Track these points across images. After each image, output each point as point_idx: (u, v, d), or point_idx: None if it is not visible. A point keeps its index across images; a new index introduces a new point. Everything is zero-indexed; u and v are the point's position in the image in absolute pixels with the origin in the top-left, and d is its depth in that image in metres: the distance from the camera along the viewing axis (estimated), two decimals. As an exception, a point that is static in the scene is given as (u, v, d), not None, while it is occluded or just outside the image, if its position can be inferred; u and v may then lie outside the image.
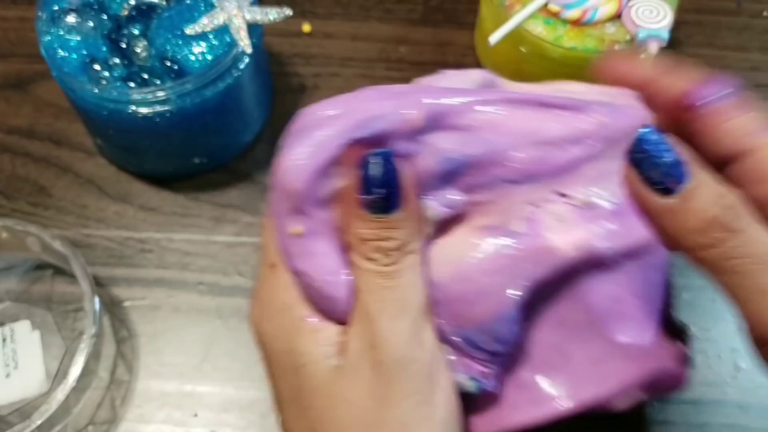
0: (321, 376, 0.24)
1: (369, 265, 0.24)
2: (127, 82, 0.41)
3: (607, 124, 0.25)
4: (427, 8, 0.55)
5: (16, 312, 0.42)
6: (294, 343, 0.25)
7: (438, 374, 0.25)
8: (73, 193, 0.47)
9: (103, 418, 0.40)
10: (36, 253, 0.43)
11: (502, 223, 0.26)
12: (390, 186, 0.23)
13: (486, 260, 0.25)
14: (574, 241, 0.25)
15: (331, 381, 0.24)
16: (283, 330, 0.25)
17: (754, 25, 0.55)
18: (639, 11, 0.44)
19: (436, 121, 0.24)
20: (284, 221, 0.24)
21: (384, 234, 0.24)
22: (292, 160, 0.23)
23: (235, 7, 0.41)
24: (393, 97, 0.24)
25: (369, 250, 0.24)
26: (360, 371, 0.24)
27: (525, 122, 0.25)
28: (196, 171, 0.47)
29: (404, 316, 0.24)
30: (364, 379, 0.24)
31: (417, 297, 0.24)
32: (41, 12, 0.42)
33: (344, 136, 0.24)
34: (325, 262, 0.24)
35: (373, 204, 0.23)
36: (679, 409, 0.41)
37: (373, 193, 0.23)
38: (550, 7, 0.45)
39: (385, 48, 0.53)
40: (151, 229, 0.46)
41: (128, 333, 0.42)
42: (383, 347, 0.24)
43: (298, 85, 0.51)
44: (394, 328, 0.24)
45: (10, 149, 0.48)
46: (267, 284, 0.26)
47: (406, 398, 0.24)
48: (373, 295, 0.24)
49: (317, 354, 0.25)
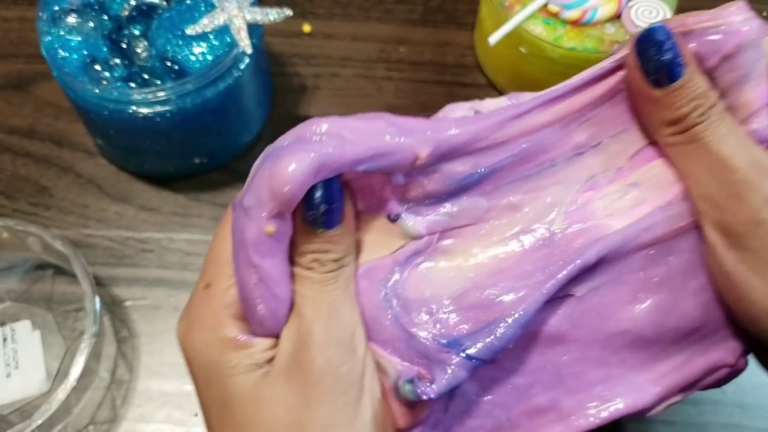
0: (249, 383, 0.25)
1: (307, 273, 0.25)
2: (128, 82, 0.41)
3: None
4: (426, 8, 0.55)
5: (16, 312, 0.42)
6: (223, 356, 0.26)
7: (366, 379, 0.26)
8: (73, 193, 0.47)
9: (104, 418, 0.40)
10: (37, 253, 0.43)
11: (537, 217, 0.27)
12: (330, 204, 0.25)
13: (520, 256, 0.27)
14: (626, 221, 0.27)
15: (259, 387, 0.25)
16: (212, 344, 0.26)
17: (753, 25, 0.55)
18: (638, 11, 0.44)
19: (452, 152, 0.26)
20: (262, 218, 0.24)
21: (323, 247, 0.25)
22: (298, 167, 0.24)
23: (236, 8, 0.41)
24: (405, 133, 0.25)
25: (308, 261, 0.25)
26: (288, 371, 0.25)
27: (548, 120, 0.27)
28: (197, 171, 0.47)
29: (336, 321, 0.25)
30: (292, 378, 0.25)
31: (349, 305, 0.26)
32: (42, 12, 0.42)
33: (350, 164, 0.25)
34: (278, 263, 0.25)
35: (315, 220, 0.25)
36: (679, 409, 0.41)
37: (315, 210, 0.25)
38: (550, 7, 0.45)
39: (385, 48, 0.53)
40: (151, 229, 0.46)
41: (129, 333, 0.42)
42: (313, 348, 0.25)
43: (299, 85, 0.51)
44: (325, 330, 0.25)
45: (10, 149, 0.48)
46: (200, 302, 0.26)
47: (332, 400, 0.25)
48: (308, 299, 0.25)
49: (246, 365, 0.25)
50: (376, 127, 0.25)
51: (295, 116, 0.50)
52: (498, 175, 0.27)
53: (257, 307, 0.25)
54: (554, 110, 0.28)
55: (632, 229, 0.27)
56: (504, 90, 0.51)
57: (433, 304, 0.27)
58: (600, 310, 0.27)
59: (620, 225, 0.27)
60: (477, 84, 0.52)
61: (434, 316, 0.27)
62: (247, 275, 0.25)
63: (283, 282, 0.25)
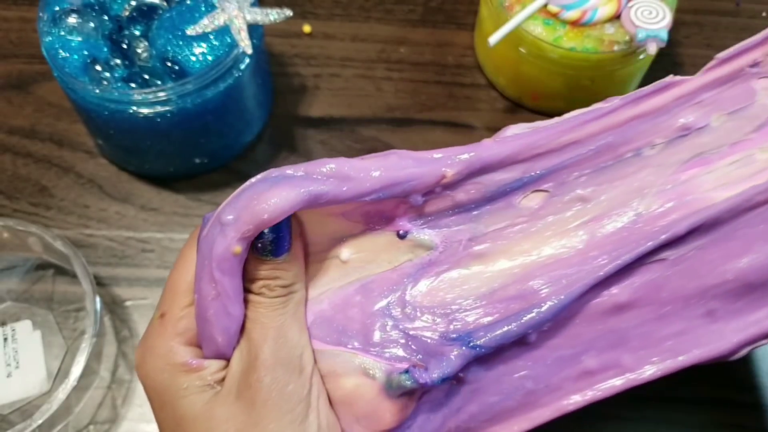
0: (200, 403, 0.27)
1: (257, 298, 0.27)
2: (128, 82, 0.41)
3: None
4: (426, 9, 0.55)
5: (17, 312, 0.42)
6: (175, 380, 0.27)
7: (313, 397, 0.27)
8: (74, 193, 0.47)
9: (105, 418, 0.40)
10: (37, 253, 0.43)
11: (615, 204, 0.30)
12: (278, 234, 0.27)
13: (585, 244, 0.29)
14: (740, 188, 0.30)
15: (209, 406, 0.26)
16: (164, 369, 0.27)
17: (753, 25, 0.55)
18: (638, 12, 0.44)
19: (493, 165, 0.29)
20: (233, 237, 0.26)
21: (272, 274, 0.27)
22: (282, 200, 0.26)
23: (236, 8, 0.41)
24: (420, 164, 0.28)
25: (258, 287, 0.27)
26: (238, 391, 0.26)
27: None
28: (197, 171, 0.47)
29: (283, 343, 0.27)
30: (241, 397, 0.26)
31: (297, 328, 0.28)
32: (42, 13, 0.42)
33: (351, 198, 0.27)
34: (236, 283, 0.27)
35: (264, 248, 0.27)
36: (679, 408, 0.41)
37: (264, 238, 0.26)
38: (550, 8, 0.45)
39: (385, 48, 0.53)
40: (152, 229, 0.46)
41: (129, 332, 0.43)
42: (260, 368, 0.26)
43: (299, 85, 0.52)
44: (272, 352, 0.26)
45: (11, 149, 0.48)
46: (154, 331, 0.28)
47: (279, 417, 0.26)
48: (256, 323, 0.27)
49: (198, 386, 0.27)
50: (386, 163, 0.27)
51: (296, 116, 0.50)
52: (561, 173, 0.30)
53: (211, 321, 0.26)
54: (648, 104, 0.30)
55: (744, 195, 0.29)
56: (504, 90, 0.51)
57: (454, 305, 0.29)
58: (698, 268, 0.30)
59: (729, 194, 0.29)
60: (477, 84, 0.52)
61: (450, 316, 0.29)
62: (207, 289, 0.26)
63: (237, 302, 0.27)
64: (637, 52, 0.45)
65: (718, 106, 0.31)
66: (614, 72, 0.46)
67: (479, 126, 0.50)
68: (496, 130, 0.49)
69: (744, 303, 0.30)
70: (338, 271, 0.29)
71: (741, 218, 0.29)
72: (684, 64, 0.53)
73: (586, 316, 0.29)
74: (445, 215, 0.30)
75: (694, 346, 0.30)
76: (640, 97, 0.30)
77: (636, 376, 0.30)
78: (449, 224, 0.30)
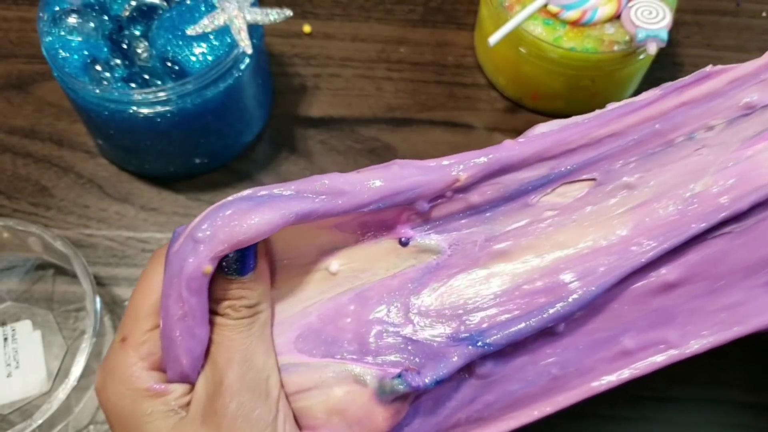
0: (165, 429, 0.26)
1: (222, 320, 0.26)
2: (128, 82, 0.41)
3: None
4: (426, 9, 0.56)
5: (17, 312, 0.42)
6: (138, 405, 0.26)
7: (279, 422, 0.27)
8: (74, 193, 0.47)
9: (104, 418, 0.40)
10: (37, 253, 0.43)
11: (666, 189, 0.30)
12: (244, 251, 0.26)
13: (630, 229, 0.30)
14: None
15: (175, 430, 0.26)
16: (126, 395, 0.27)
17: (753, 25, 0.55)
18: (638, 12, 0.44)
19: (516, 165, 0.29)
20: (205, 255, 0.25)
21: (237, 294, 0.26)
22: (259, 223, 0.25)
23: (236, 8, 0.41)
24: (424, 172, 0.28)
25: (223, 307, 0.26)
26: (204, 416, 0.26)
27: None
28: (197, 171, 0.47)
29: (249, 366, 0.26)
30: (206, 424, 0.26)
31: (263, 351, 0.27)
32: (42, 13, 0.42)
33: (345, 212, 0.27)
34: (203, 303, 0.26)
35: (229, 266, 0.26)
36: (679, 408, 0.41)
37: (229, 256, 0.26)
38: (550, 8, 0.45)
39: (385, 48, 0.53)
40: (152, 229, 0.46)
41: (129, 332, 0.43)
42: (226, 394, 0.26)
43: (299, 85, 0.52)
44: (237, 377, 0.26)
45: (11, 149, 0.48)
46: (115, 356, 0.27)
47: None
48: (221, 346, 0.26)
49: (162, 411, 0.26)
50: (387, 173, 0.27)
51: (296, 116, 0.50)
52: (603, 163, 0.30)
53: (176, 342, 0.26)
54: (696, 91, 0.31)
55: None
56: (504, 90, 0.51)
57: (468, 305, 0.29)
58: (762, 237, 0.30)
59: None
60: (477, 84, 0.52)
61: (463, 316, 0.29)
62: (175, 308, 0.26)
63: (203, 323, 0.26)
64: (637, 52, 0.45)
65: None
66: (614, 72, 0.46)
67: (479, 126, 0.50)
68: (495, 130, 0.50)
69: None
70: (327, 282, 0.29)
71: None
72: (684, 64, 0.53)
73: (628, 299, 0.30)
74: (455, 219, 0.29)
75: (754, 315, 0.30)
76: (682, 87, 0.31)
77: (680, 351, 0.30)
78: (459, 227, 0.30)
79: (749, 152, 0.31)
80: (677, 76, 0.52)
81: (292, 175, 0.48)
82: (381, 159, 0.48)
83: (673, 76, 0.52)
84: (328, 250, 0.29)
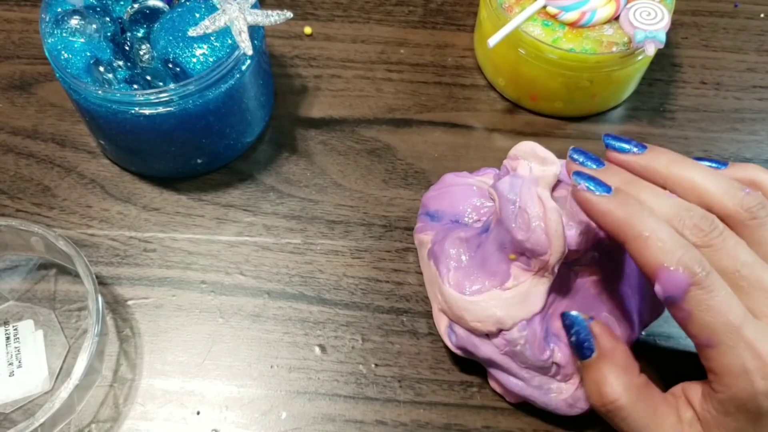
0: None
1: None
2: (131, 84, 0.42)
3: None
4: (426, 10, 0.56)
5: (19, 311, 0.43)
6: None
7: None
8: (76, 193, 0.47)
9: (106, 416, 0.40)
10: (40, 253, 0.43)
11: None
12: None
13: None
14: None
15: None
16: None
17: (751, 26, 0.55)
18: (636, 13, 0.44)
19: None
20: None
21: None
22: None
23: (237, 10, 0.41)
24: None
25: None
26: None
27: None
28: (199, 171, 0.48)
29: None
30: None
31: None
32: (45, 14, 0.43)
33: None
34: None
35: None
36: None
37: None
38: (549, 9, 0.46)
39: (386, 50, 0.54)
40: (154, 229, 0.46)
41: (131, 332, 0.43)
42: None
43: (300, 86, 0.52)
44: None
45: (14, 150, 0.49)
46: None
47: None
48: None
49: None
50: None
51: (297, 117, 0.51)
52: None
53: None
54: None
55: None
56: (503, 91, 0.52)
57: None
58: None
59: None
60: (476, 85, 0.52)
61: None
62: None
63: None
64: (636, 53, 0.45)
65: None
66: (613, 73, 0.47)
67: (479, 126, 0.51)
68: (495, 131, 0.50)
69: None
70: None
71: None
72: (682, 66, 0.53)
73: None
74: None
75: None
76: None
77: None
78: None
79: None
80: (675, 77, 0.53)
81: (293, 175, 0.48)
82: (381, 159, 0.48)
83: (671, 77, 0.53)
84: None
